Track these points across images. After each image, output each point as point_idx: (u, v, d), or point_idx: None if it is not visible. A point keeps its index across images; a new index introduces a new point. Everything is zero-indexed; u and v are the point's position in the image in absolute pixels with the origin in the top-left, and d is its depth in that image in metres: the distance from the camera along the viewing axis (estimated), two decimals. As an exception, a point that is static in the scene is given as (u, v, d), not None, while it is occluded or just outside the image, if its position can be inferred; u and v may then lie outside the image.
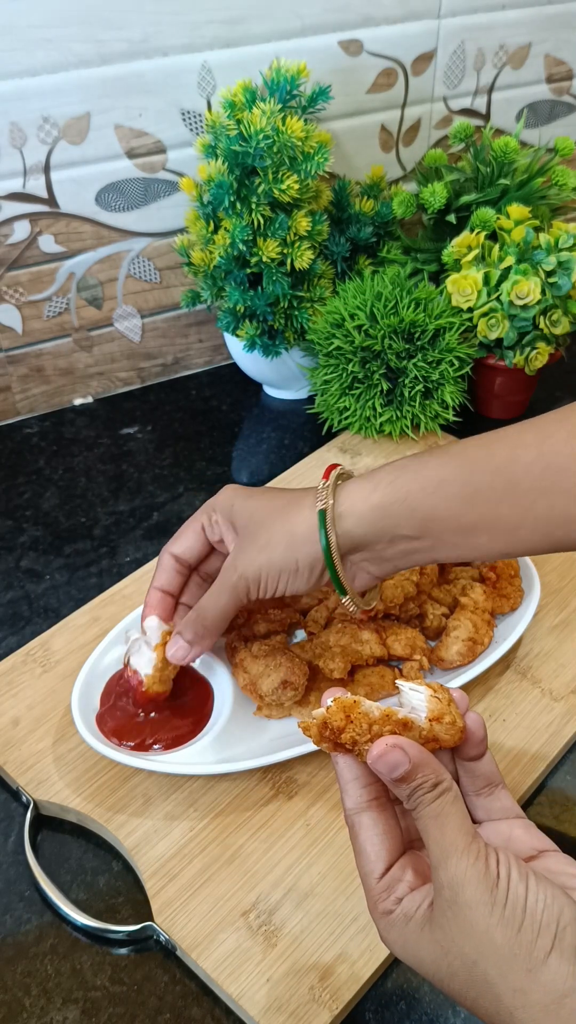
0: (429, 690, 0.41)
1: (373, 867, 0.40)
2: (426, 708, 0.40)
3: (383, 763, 0.38)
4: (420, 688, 0.41)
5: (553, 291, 0.83)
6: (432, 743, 0.40)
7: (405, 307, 0.84)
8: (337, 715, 0.39)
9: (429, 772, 0.38)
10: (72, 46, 0.79)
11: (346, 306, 0.85)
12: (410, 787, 0.38)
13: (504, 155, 0.89)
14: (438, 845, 0.37)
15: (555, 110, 1.07)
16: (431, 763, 0.39)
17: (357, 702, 0.40)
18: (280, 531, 0.54)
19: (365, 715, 0.39)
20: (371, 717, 0.39)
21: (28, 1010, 0.50)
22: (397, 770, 0.38)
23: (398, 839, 0.41)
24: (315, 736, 0.40)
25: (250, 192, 0.81)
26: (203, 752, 0.59)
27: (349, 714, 0.39)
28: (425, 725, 0.40)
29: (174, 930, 0.52)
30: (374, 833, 0.40)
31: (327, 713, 0.40)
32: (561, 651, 0.67)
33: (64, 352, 0.95)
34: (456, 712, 0.41)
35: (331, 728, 0.39)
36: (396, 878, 0.40)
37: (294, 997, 0.49)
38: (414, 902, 0.39)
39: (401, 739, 0.39)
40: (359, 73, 0.93)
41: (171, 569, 0.60)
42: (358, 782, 0.41)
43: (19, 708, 0.64)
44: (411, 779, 0.38)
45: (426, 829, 0.38)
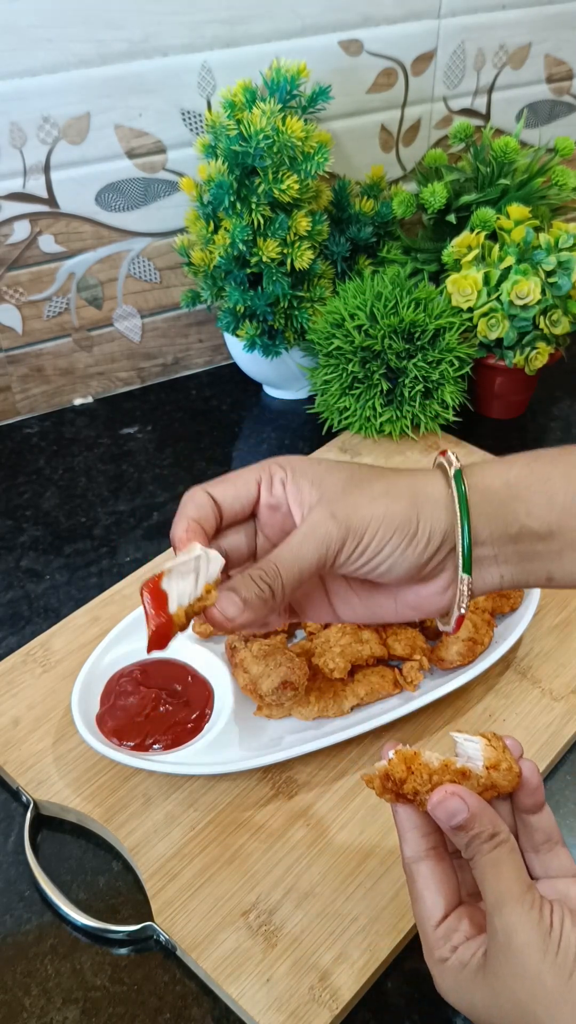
0: (483, 739, 0.42)
1: (430, 915, 0.41)
2: (482, 757, 0.41)
3: (442, 810, 0.39)
4: (475, 738, 0.42)
5: (553, 291, 0.83)
6: (491, 791, 0.41)
7: (405, 307, 0.84)
8: (398, 767, 0.41)
9: (487, 822, 0.39)
10: (72, 46, 0.79)
11: (346, 306, 0.85)
12: (468, 835, 0.39)
13: (504, 155, 0.89)
14: (494, 891, 0.38)
15: (555, 110, 1.07)
16: (489, 814, 0.40)
17: (417, 753, 0.41)
18: (403, 484, 0.44)
19: (425, 766, 0.41)
20: (431, 768, 0.41)
21: (28, 1010, 0.50)
22: (456, 817, 0.39)
23: (455, 890, 0.42)
24: (378, 788, 0.41)
25: (250, 192, 0.81)
26: (203, 752, 0.59)
27: (410, 765, 0.41)
28: (483, 773, 0.41)
29: (174, 930, 0.52)
30: (432, 882, 0.41)
31: (388, 765, 0.41)
32: (561, 651, 0.67)
33: (64, 352, 0.95)
34: (511, 758, 0.42)
35: (393, 779, 0.41)
36: (452, 927, 0.41)
37: (294, 997, 0.49)
38: (469, 950, 0.40)
39: (460, 788, 0.40)
40: (359, 73, 0.93)
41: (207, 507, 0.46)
42: (417, 831, 0.42)
43: (19, 708, 0.64)
44: (469, 828, 0.39)
45: (483, 876, 0.39)
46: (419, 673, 0.63)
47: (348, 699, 0.61)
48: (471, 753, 0.42)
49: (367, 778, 0.42)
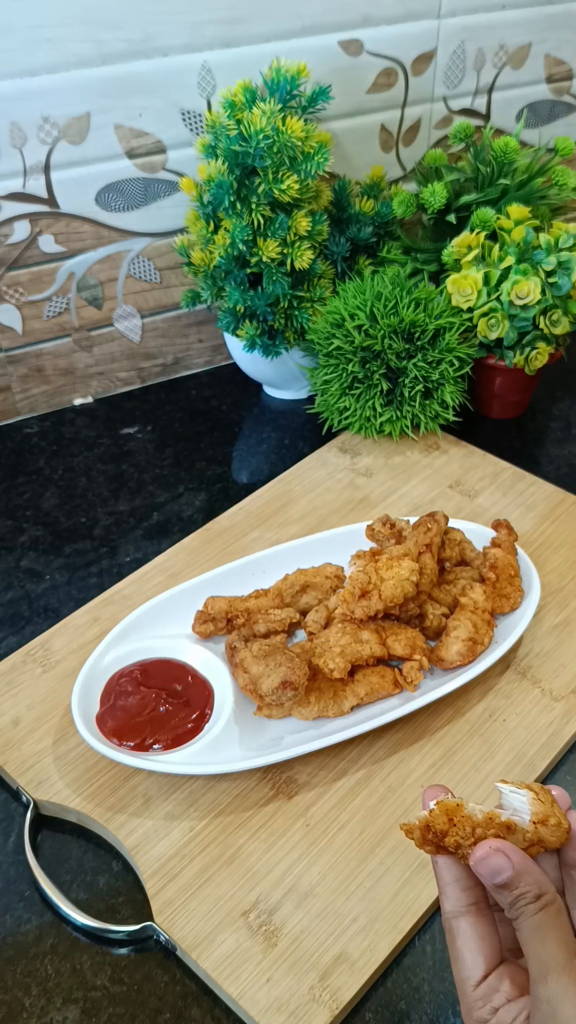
0: (531, 792, 0.40)
1: (470, 974, 0.39)
2: (529, 811, 0.40)
3: (485, 867, 0.38)
4: (521, 791, 0.41)
5: (553, 291, 0.83)
6: (537, 846, 0.40)
7: (405, 307, 0.84)
8: (440, 818, 0.39)
9: (532, 881, 0.38)
10: (72, 46, 0.79)
11: (346, 306, 0.85)
12: (512, 895, 0.38)
13: (504, 155, 0.89)
14: (538, 960, 0.37)
15: (555, 110, 1.07)
16: (534, 872, 0.38)
17: (460, 805, 0.40)
18: None
19: (468, 818, 0.39)
20: (474, 820, 0.39)
21: (28, 1010, 0.50)
22: (500, 876, 0.38)
23: (496, 947, 0.40)
24: (418, 839, 0.40)
25: (250, 192, 0.81)
26: (203, 752, 0.59)
27: (452, 817, 0.39)
28: (529, 828, 0.39)
29: (174, 930, 0.52)
30: (472, 939, 0.40)
31: (430, 816, 0.40)
32: (561, 651, 0.67)
33: (64, 352, 0.95)
34: (560, 812, 0.40)
35: (434, 831, 0.39)
36: (493, 987, 0.39)
37: (294, 997, 0.49)
38: (510, 1014, 0.38)
39: (504, 844, 0.38)
40: (359, 73, 0.93)
41: None
42: (458, 884, 0.40)
43: (19, 708, 0.64)
44: (513, 887, 0.38)
45: (527, 941, 0.37)
46: (419, 673, 0.63)
47: (348, 699, 0.61)
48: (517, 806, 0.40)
49: (406, 828, 0.40)
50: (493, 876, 0.38)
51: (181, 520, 0.83)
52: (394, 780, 0.59)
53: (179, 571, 0.75)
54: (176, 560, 0.76)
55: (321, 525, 0.79)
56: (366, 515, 0.80)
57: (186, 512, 0.84)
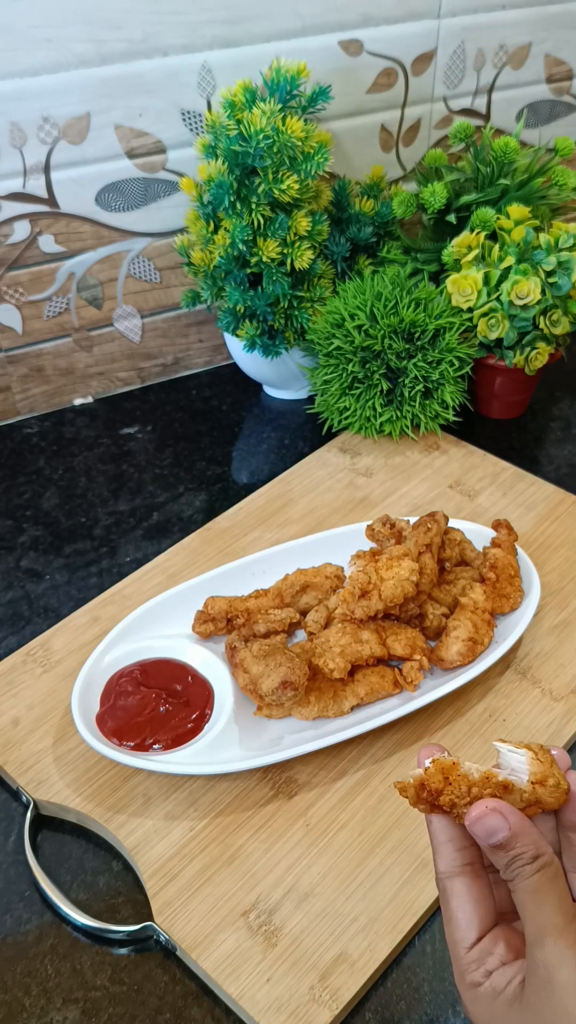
0: (530, 752, 0.39)
1: (463, 936, 0.38)
2: (528, 770, 0.39)
3: (481, 827, 0.37)
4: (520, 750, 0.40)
5: (553, 291, 0.83)
6: (534, 807, 0.39)
7: (405, 307, 0.84)
8: (436, 777, 0.38)
9: (528, 843, 0.37)
10: (72, 46, 0.79)
11: (346, 306, 0.85)
12: (508, 856, 0.37)
13: (504, 155, 0.89)
14: (534, 923, 0.36)
15: (555, 110, 1.07)
16: (531, 833, 0.37)
17: (456, 763, 0.38)
18: None
19: (464, 777, 0.38)
20: (471, 779, 0.38)
21: (28, 1010, 0.50)
22: (495, 836, 0.36)
23: (491, 908, 0.39)
24: (412, 797, 0.39)
25: (250, 192, 0.81)
26: (203, 752, 0.59)
27: (448, 776, 0.38)
28: (527, 788, 0.38)
29: (174, 930, 0.52)
30: (466, 900, 0.39)
31: (425, 775, 0.39)
32: (561, 651, 0.67)
33: (64, 352, 0.95)
34: (559, 773, 0.39)
35: (429, 790, 0.38)
36: (487, 950, 0.38)
37: (294, 997, 0.49)
38: (504, 977, 0.37)
39: (501, 803, 0.37)
40: (359, 73, 0.93)
41: None
42: (452, 844, 0.39)
43: (19, 708, 0.64)
44: (510, 847, 0.37)
45: (523, 904, 0.36)
46: (419, 673, 0.63)
47: (348, 699, 0.61)
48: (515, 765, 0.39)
49: (400, 785, 0.39)
50: (489, 836, 0.37)
51: (181, 520, 0.83)
52: (394, 780, 0.59)
53: (179, 571, 0.75)
54: (176, 560, 0.76)
55: (321, 525, 0.79)
56: (366, 515, 0.80)
57: (186, 512, 0.84)
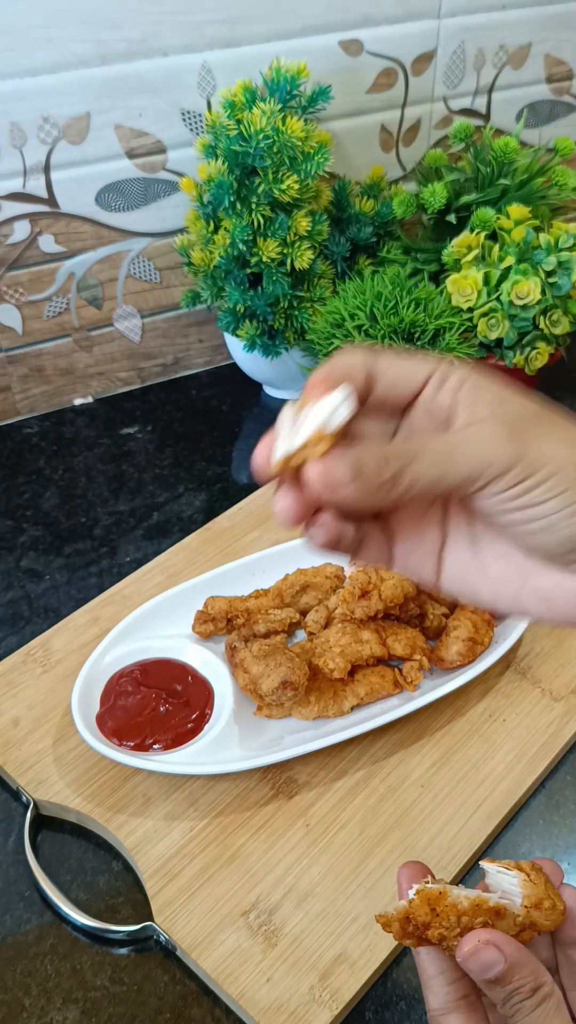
0: (522, 873, 0.37)
1: None
2: (521, 894, 0.36)
3: (475, 962, 0.34)
4: (511, 872, 0.37)
5: (553, 291, 0.83)
6: (529, 931, 0.36)
7: (405, 307, 0.84)
8: (422, 909, 0.35)
9: (527, 974, 0.34)
10: (72, 46, 0.79)
11: (346, 306, 0.85)
12: (506, 991, 0.34)
13: (504, 155, 0.89)
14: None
15: (555, 110, 1.07)
16: (529, 963, 0.34)
17: (443, 893, 0.35)
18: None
19: (453, 907, 0.35)
20: (459, 908, 0.35)
21: (28, 1010, 0.50)
22: (491, 971, 0.34)
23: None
24: (396, 932, 0.36)
25: (250, 192, 0.81)
26: (203, 752, 0.59)
27: (435, 907, 0.35)
28: (521, 912, 0.36)
29: (174, 930, 0.52)
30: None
31: (410, 907, 0.36)
32: (561, 651, 0.67)
33: (64, 352, 0.95)
34: (555, 894, 0.36)
35: (415, 923, 0.36)
36: None
37: (294, 997, 0.49)
38: None
39: (495, 934, 0.34)
40: (359, 73, 0.93)
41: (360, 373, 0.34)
42: (444, 977, 0.37)
43: (19, 708, 0.64)
44: (507, 981, 0.34)
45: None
46: (419, 673, 0.63)
47: (348, 699, 0.61)
48: (507, 888, 0.37)
49: (383, 920, 0.36)
50: (484, 971, 0.34)
51: (181, 520, 0.83)
52: (394, 780, 0.59)
53: (179, 571, 0.75)
54: (176, 560, 0.76)
55: (321, 525, 0.79)
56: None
57: (186, 512, 0.84)
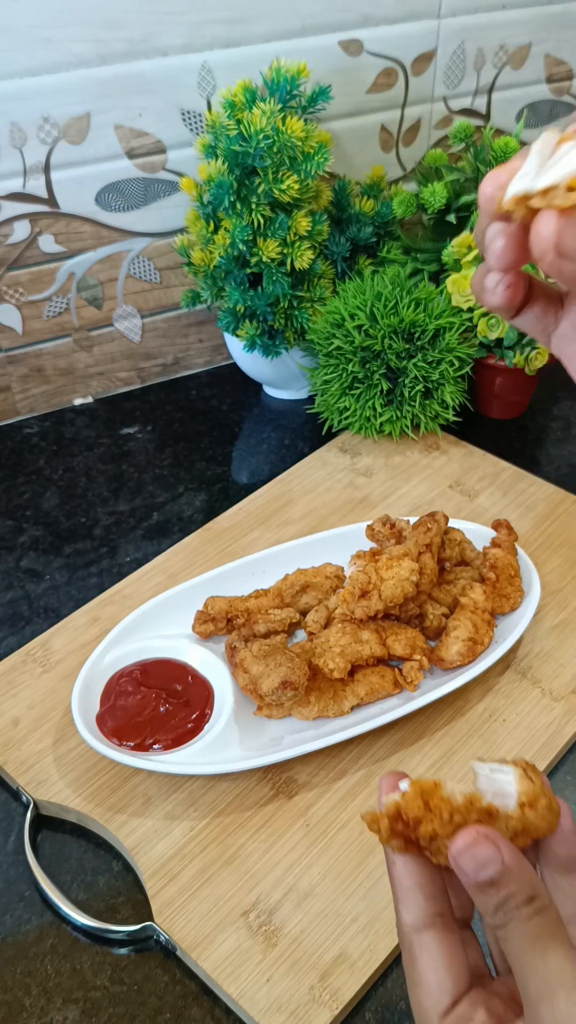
0: (517, 768, 0.33)
1: (435, 1002, 0.33)
2: (516, 791, 0.33)
3: (470, 858, 0.31)
4: (505, 767, 0.33)
5: (553, 291, 0.83)
6: (523, 836, 0.33)
7: (405, 307, 0.84)
8: (414, 803, 0.32)
9: (524, 881, 0.31)
10: (72, 46, 0.79)
11: (346, 306, 0.85)
12: (500, 896, 0.31)
13: (504, 155, 0.89)
14: (539, 976, 0.30)
15: (555, 110, 1.07)
16: (526, 870, 0.31)
17: (438, 784, 0.32)
18: None
19: (447, 801, 0.32)
20: (453, 803, 0.32)
21: (28, 1010, 0.50)
22: (486, 870, 0.30)
23: (465, 968, 0.33)
24: (384, 831, 0.32)
25: (250, 192, 0.81)
26: (203, 752, 0.59)
27: (428, 801, 0.32)
28: (515, 812, 0.32)
29: (174, 930, 0.52)
30: (438, 958, 0.33)
31: (402, 801, 0.32)
32: (561, 651, 0.67)
33: (64, 352, 0.95)
34: (551, 794, 0.33)
35: (405, 820, 0.32)
36: (464, 1017, 0.32)
37: (294, 997, 0.49)
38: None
39: (493, 831, 0.31)
40: (359, 73, 0.93)
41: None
42: (421, 891, 0.33)
43: (19, 708, 0.64)
44: (502, 885, 0.31)
45: (520, 955, 0.30)
46: (419, 673, 0.63)
47: (348, 699, 0.61)
48: (500, 787, 0.33)
49: (370, 817, 0.33)
50: (478, 870, 0.30)
51: (181, 520, 0.83)
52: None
53: (179, 571, 0.75)
54: (176, 560, 0.76)
55: (321, 525, 0.79)
56: (366, 515, 0.80)
57: (186, 512, 0.84)
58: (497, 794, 0.33)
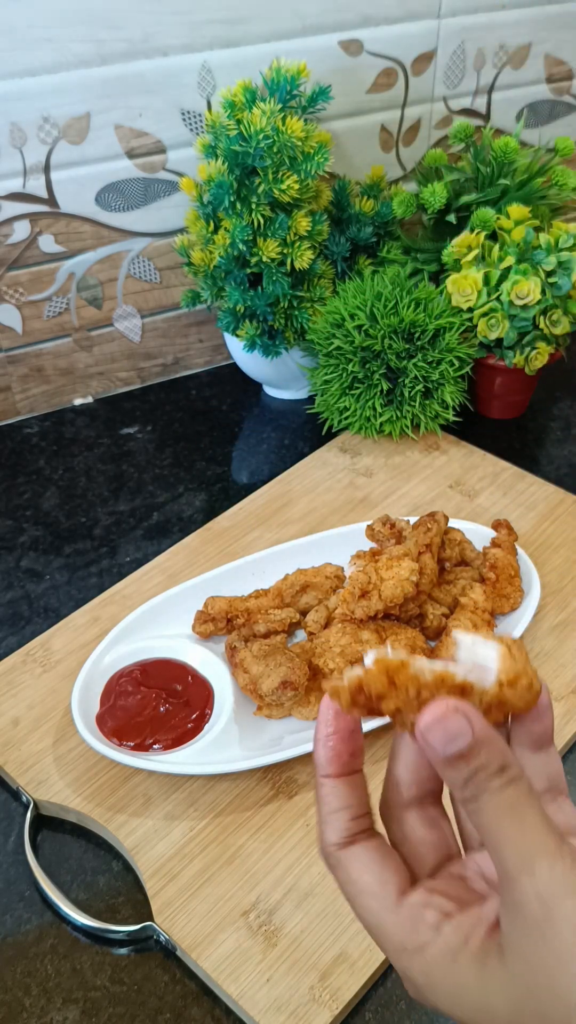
0: (502, 645, 0.31)
1: (382, 901, 0.30)
2: (497, 668, 0.31)
3: (440, 731, 0.28)
4: (490, 643, 0.31)
5: (553, 291, 0.83)
6: (495, 712, 0.31)
7: (405, 307, 0.84)
8: (378, 679, 0.30)
9: (496, 751, 0.29)
10: (72, 46, 0.79)
11: (346, 306, 0.85)
12: (470, 767, 0.28)
13: (504, 155, 0.89)
14: (516, 847, 0.28)
15: (555, 110, 1.07)
16: (497, 741, 0.29)
17: (406, 663, 0.30)
18: None
19: (414, 679, 0.30)
20: (421, 680, 0.30)
21: (28, 1010, 0.50)
22: (456, 743, 0.28)
23: (403, 867, 0.32)
24: (346, 703, 0.31)
25: (250, 192, 0.81)
26: (203, 752, 0.59)
27: (393, 678, 0.30)
28: (492, 689, 0.30)
29: (174, 930, 0.52)
30: (371, 862, 0.31)
31: (365, 676, 0.30)
32: (561, 651, 0.67)
33: (64, 352, 0.95)
34: (533, 672, 0.31)
35: (367, 694, 0.30)
36: (421, 903, 0.30)
37: (294, 997, 0.49)
38: (460, 930, 0.29)
39: (464, 704, 0.29)
40: (359, 73, 0.93)
41: None
42: (348, 812, 0.32)
43: (19, 708, 0.64)
44: (472, 757, 0.28)
45: (494, 826, 0.28)
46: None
47: (348, 699, 0.61)
48: (480, 661, 0.31)
49: (331, 689, 0.31)
50: (447, 743, 0.28)
51: (181, 520, 0.83)
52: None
53: (179, 571, 0.75)
54: (176, 560, 0.76)
55: (321, 525, 0.79)
56: (366, 515, 0.80)
57: (186, 512, 0.84)
58: (476, 667, 0.31)
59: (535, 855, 0.28)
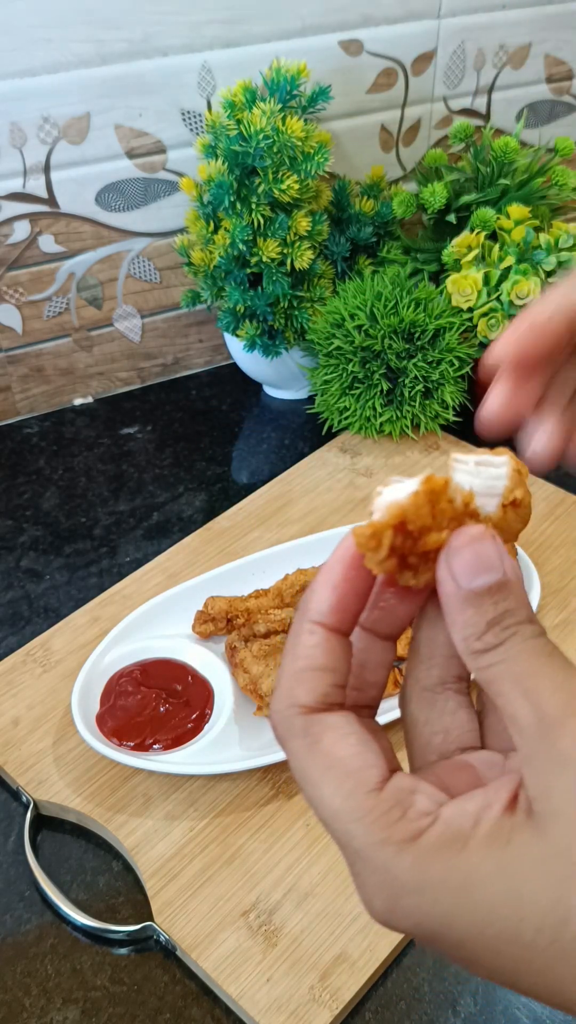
0: (513, 462, 0.27)
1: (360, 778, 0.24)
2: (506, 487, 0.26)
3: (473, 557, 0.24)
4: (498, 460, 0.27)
5: (553, 291, 0.83)
6: None
7: (405, 307, 0.84)
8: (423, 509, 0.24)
9: (525, 598, 0.25)
10: (72, 46, 0.79)
11: (346, 306, 0.85)
12: (498, 609, 0.24)
13: (504, 155, 0.89)
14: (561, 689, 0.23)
15: (555, 110, 1.07)
16: (522, 588, 0.25)
17: (447, 483, 0.25)
18: None
19: (450, 506, 0.25)
20: (454, 509, 0.25)
21: (28, 1010, 0.50)
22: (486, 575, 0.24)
23: (391, 752, 0.26)
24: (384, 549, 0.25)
25: (250, 192, 0.81)
26: (203, 752, 0.59)
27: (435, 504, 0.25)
28: (496, 514, 0.26)
29: (174, 930, 0.52)
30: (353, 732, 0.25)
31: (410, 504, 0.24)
32: (561, 651, 0.67)
33: (64, 352, 0.95)
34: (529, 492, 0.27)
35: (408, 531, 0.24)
36: (407, 788, 0.24)
37: (294, 997, 0.49)
38: (467, 811, 0.24)
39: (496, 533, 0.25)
40: (359, 73, 0.93)
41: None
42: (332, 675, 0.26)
43: (19, 708, 0.64)
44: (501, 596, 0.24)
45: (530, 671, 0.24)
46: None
47: (348, 699, 0.61)
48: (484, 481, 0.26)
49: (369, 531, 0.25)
50: (477, 573, 0.24)
51: (181, 520, 0.83)
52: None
53: (179, 571, 0.75)
54: (176, 560, 0.76)
55: (321, 525, 0.79)
56: (366, 515, 0.80)
57: (186, 512, 0.84)
58: (482, 491, 0.26)
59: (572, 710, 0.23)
